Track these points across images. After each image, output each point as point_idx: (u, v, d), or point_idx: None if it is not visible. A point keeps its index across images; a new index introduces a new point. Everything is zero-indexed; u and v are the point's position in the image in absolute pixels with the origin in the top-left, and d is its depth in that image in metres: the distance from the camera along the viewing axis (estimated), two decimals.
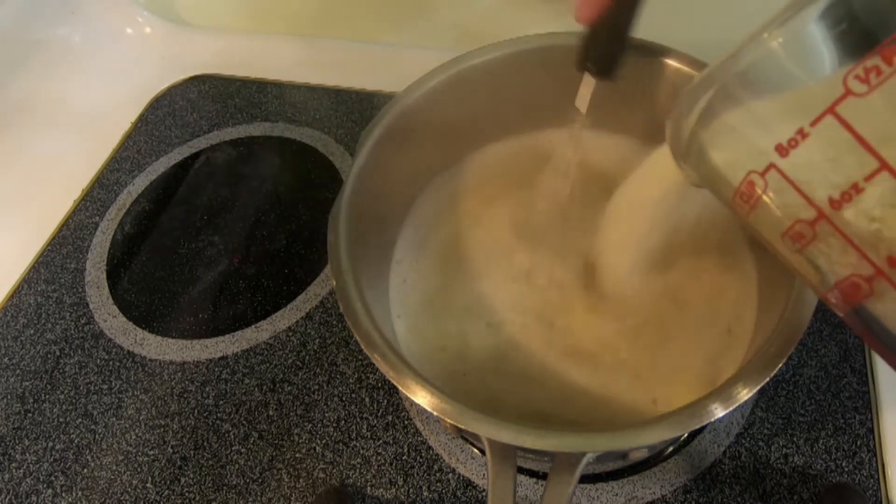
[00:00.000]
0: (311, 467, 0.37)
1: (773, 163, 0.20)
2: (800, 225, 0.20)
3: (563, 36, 0.38)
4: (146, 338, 0.44)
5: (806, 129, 0.19)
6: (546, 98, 0.40)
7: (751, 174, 0.21)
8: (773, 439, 0.35)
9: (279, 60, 0.59)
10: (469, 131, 0.41)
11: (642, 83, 0.37)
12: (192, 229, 0.49)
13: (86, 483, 0.38)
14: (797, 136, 0.19)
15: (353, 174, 0.34)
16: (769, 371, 0.25)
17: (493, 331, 0.35)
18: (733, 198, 0.23)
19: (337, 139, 0.53)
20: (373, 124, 0.36)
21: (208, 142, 0.55)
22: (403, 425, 0.38)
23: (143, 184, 0.53)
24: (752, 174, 0.21)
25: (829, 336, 0.38)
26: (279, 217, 0.49)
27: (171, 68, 0.61)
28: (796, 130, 0.19)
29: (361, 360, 0.41)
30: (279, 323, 0.43)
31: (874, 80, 0.17)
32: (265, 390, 0.40)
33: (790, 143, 0.20)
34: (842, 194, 0.19)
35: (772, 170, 0.20)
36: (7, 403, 0.42)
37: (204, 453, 0.38)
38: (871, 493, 0.33)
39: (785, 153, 0.20)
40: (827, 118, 0.19)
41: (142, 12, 0.63)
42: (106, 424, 0.40)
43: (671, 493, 0.34)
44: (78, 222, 0.51)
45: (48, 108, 0.60)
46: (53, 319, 0.46)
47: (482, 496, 0.35)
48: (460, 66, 0.37)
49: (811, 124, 0.19)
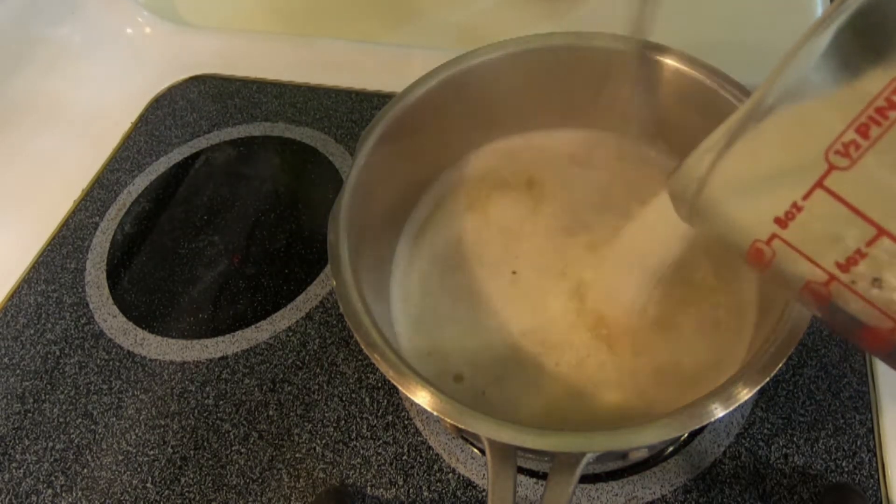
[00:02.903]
0: (311, 467, 0.37)
1: (775, 233, 0.21)
2: (813, 285, 0.21)
3: (563, 36, 0.38)
4: (146, 338, 0.44)
5: (799, 202, 0.20)
6: (546, 98, 0.40)
7: (756, 242, 0.22)
8: (773, 439, 0.35)
9: (279, 60, 0.59)
10: (469, 131, 0.41)
11: (642, 83, 0.37)
12: (192, 229, 0.49)
13: (86, 483, 0.38)
14: (792, 210, 0.20)
15: (353, 174, 0.34)
16: (769, 371, 0.25)
17: (493, 331, 0.35)
18: (745, 257, 0.23)
19: (337, 139, 0.53)
20: (373, 124, 0.36)
21: (208, 142, 0.55)
22: (403, 425, 0.38)
23: (143, 184, 0.53)
24: (758, 242, 0.22)
25: (829, 336, 0.38)
26: (279, 217, 0.49)
27: (171, 68, 0.61)
28: (791, 204, 0.20)
29: (361, 360, 0.41)
30: (279, 323, 0.43)
31: (854, 153, 0.18)
32: (265, 390, 0.40)
33: (787, 215, 0.20)
34: (847, 259, 0.19)
35: (775, 239, 0.21)
36: (7, 403, 0.42)
37: (204, 453, 0.38)
38: (871, 493, 0.33)
39: (784, 225, 0.21)
40: (817, 192, 0.19)
41: (142, 12, 0.63)
42: (106, 424, 0.40)
43: (671, 493, 0.34)
44: (78, 222, 0.51)
45: (48, 108, 0.60)
46: (53, 319, 0.46)
47: (482, 496, 0.35)
48: (460, 66, 0.37)
49: (803, 198, 0.20)
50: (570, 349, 0.34)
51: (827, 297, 0.21)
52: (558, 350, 0.34)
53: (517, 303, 0.36)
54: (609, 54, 0.37)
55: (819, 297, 0.21)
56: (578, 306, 0.35)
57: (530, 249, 0.38)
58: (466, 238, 0.39)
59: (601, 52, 0.37)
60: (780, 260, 0.21)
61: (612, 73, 0.38)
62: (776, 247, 0.21)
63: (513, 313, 0.35)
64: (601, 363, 0.33)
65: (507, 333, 0.35)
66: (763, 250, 0.22)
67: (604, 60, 0.37)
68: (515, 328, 0.35)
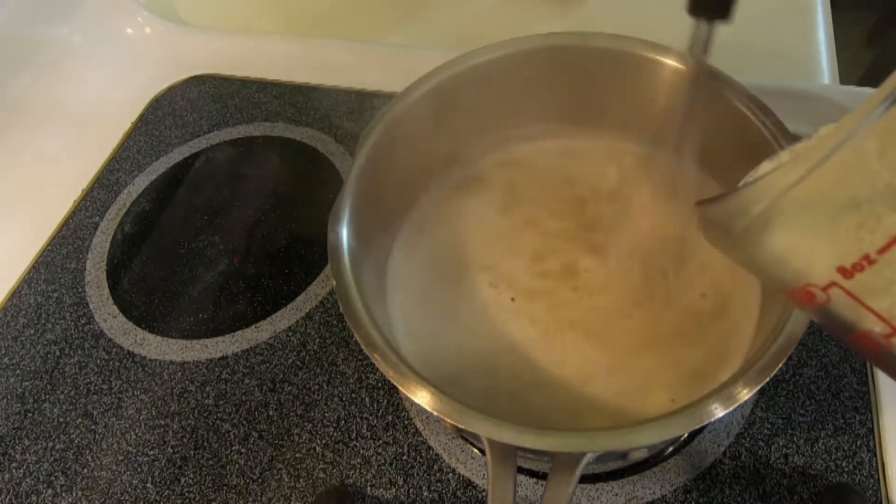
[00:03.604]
0: (311, 467, 0.37)
1: (835, 281, 0.19)
2: (872, 334, 0.20)
3: (563, 36, 0.38)
4: (146, 338, 0.44)
5: (872, 255, 0.18)
6: (547, 98, 0.40)
7: (809, 286, 0.20)
8: (773, 439, 0.35)
9: (279, 60, 0.59)
10: (469, 131, 0.41)
11: (641, 83, 0.37)
12: (192, 229, 0.49)
13: (86, 483, 0.38)
14: (863, 262, 0.18)
15: (353, 174, 0.34)
16: (769, 371, 0.25)
17: (492, 332, 0.35)
18: (789, 294, 0.22)
19: (337, 139, 0.53)
20: (373, 124, 0.36)
21: (208, 142, 0.55)
22: (403, 425, 0.38)
23: (143, 184, 0.53)
24: (811, 287, 0.20)
25: (829, 336, 0.38)
26: (279, 217, 0.49)
27: (171, 68, 0.61)
28: (861, 256, 0.18)
29: (361, 360, 0.41)
30: (279, 323, 0.43)
31: None
32: (265, 390, 0.40)
33: (854, 267, 0.19)
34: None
35: (834, 287, 0.19)
36: (7, 403, 0.42)
37: (204, 453, 0.38)
38: (871, 493, 0.33)
39: (849, 276, 0.19)
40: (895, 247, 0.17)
41: (142, 12, 0.63)
42: (106, 424, 0.40)
43: (671, 493, 0.34)
44: (78, 222, 0.51)
45: (48, 108, 0.60)
46: (53, 319, 0.46)
47: (482, 496, 0.35)
48: (460, 66, 0.37)
49: (879, 252, 0.18)
50: (567, 356, 0.34)
51: (886, 347, 0.20)
52: (555, 357, 0.34)
53: (517, 304, 0.36)
54: (609, 54, 0.37)
55: (875, 346, 0.20)
56: (580, 308, 0.35)
57: (530, 251, 0.38)
58: (466, 238, 0.39)
59: (601, 52, 0.37)
60: (834, 305, 0.20)
61: (613, 73, 0.38)
62: (833, 294, 0.20)
63: (512, 315, 0.35)
64: (603, 363, 0.33)
65: (507, 333, 0.35)
66: (816, 294, 0.20)
67: (604, 60, 0.38)
68: (515, 329, 0.35)
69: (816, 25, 0.54)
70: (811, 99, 0.46)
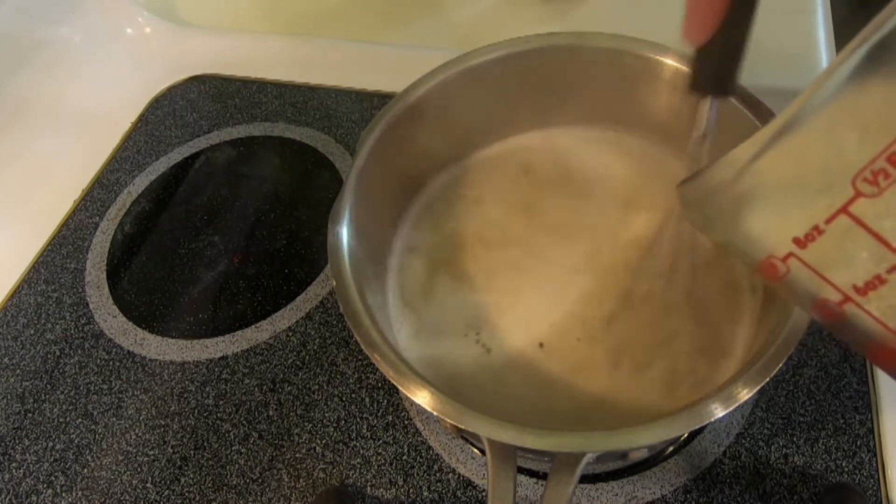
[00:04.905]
0: (311, 467, 0.37)
1: (792, 252, 0.21)
2: (827, 303, 0.21)
3: (563, 36, 0.38)
4: (146, 338, 0.44)
5: (821, 225, 0.20)
6: (547, 98, 0.40)
7: (771, 258, 0.22)
8: (773, 439, 0.35)
9: (279, 60, 0.59)
10: (469, 131, 0.41)
11: (641, 83, 0.37)
12: (192, 229, 0.49)
13: (86, 483, 0.38)
14: (813, 232, 0.20)
15: (353, 174, 0.34)
16: (769, 371, 0.25)
17: (492, 332, 0.35)
18: (756, 268, 0.23)
19: (337, 139, 0.53)
20: (373, 124, 0.36)
21: (208, 142, 0.55)
22: (403, 425, 0.38)
23: (143, 184, 0.53)
24: (773, 258, 0.22)
25: (829, 336, 0.38)
26: (279, 217, 0.49)
27: (171, 68, 0.61)
28: (812, 226, 0.20)
29: (361, 360, 0.41)
30: (279, 323, 0.43)
31: (883, 182, 0.18)
32: (265, 390, 0.40)
33: (807, 237, 0.20)
34: (865, 283, 0.19)
35: (792, 258, 0.21)
36: (7, 403, 0.42)
37: (204, 453, 0.38)
38: (871, 493, 0.33)
39: (803, 245, 0.20)
40: (841, 217, 0.19)
41: (142, 12, 0.63)
42: (106, 424, 0.40)
43: (671, 493, 0.34)
44: (78, 222, 0.51)
45: (48, 108, 0.60)
46: (53, 319, 0.46)
47: (482, 496, 0.35)
48: (460, 66, 0.37)
49: (826, 222, 0.19)
50: (574, 358, 0.34)
51: (840, 315, 0.21)
52: (559, 357, 0.34)
53: (517, 305, 0.36)
54: (609, 54, 0.37)
55: (831, 314, 0.21)
56: (580, 308, 0.35)
57: (530, 251, 0.38)
58: (466, 238, 0.39)
59: (601, 52, 0.37)
60: (794, 276, 0.21)
61: (613, 72, 0.38)
62: (791, 264, 0.21)
63: (512, 315, 0.35)
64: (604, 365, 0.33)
65: (507, 334, 0.35)
66: (777, 266, 0.22)
67: (604, 60, 0.38)
68: (514, 330, 0.35)
69: (816, 25, 0.54)
70: None
